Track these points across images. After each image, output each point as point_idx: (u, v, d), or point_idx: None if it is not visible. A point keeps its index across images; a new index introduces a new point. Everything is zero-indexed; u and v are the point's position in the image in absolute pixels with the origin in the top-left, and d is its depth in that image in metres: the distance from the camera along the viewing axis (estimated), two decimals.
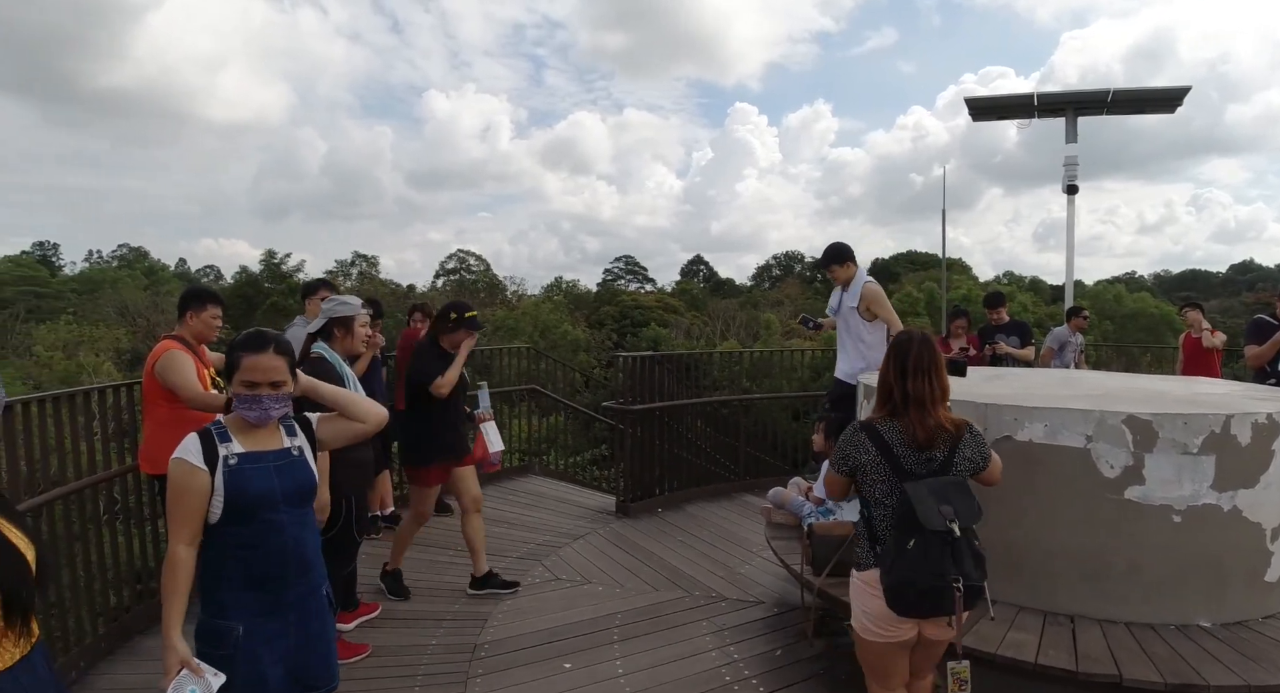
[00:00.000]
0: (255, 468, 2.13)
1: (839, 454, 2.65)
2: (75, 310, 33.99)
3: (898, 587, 2.40)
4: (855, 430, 2.61)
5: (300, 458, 2.25)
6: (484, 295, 45.01)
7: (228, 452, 2.11)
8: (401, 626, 4.28)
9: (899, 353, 2.59)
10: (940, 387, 2.54)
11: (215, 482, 2.07)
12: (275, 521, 2.14)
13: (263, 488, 2.12)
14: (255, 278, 34.19)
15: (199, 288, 4.39)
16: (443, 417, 4.48)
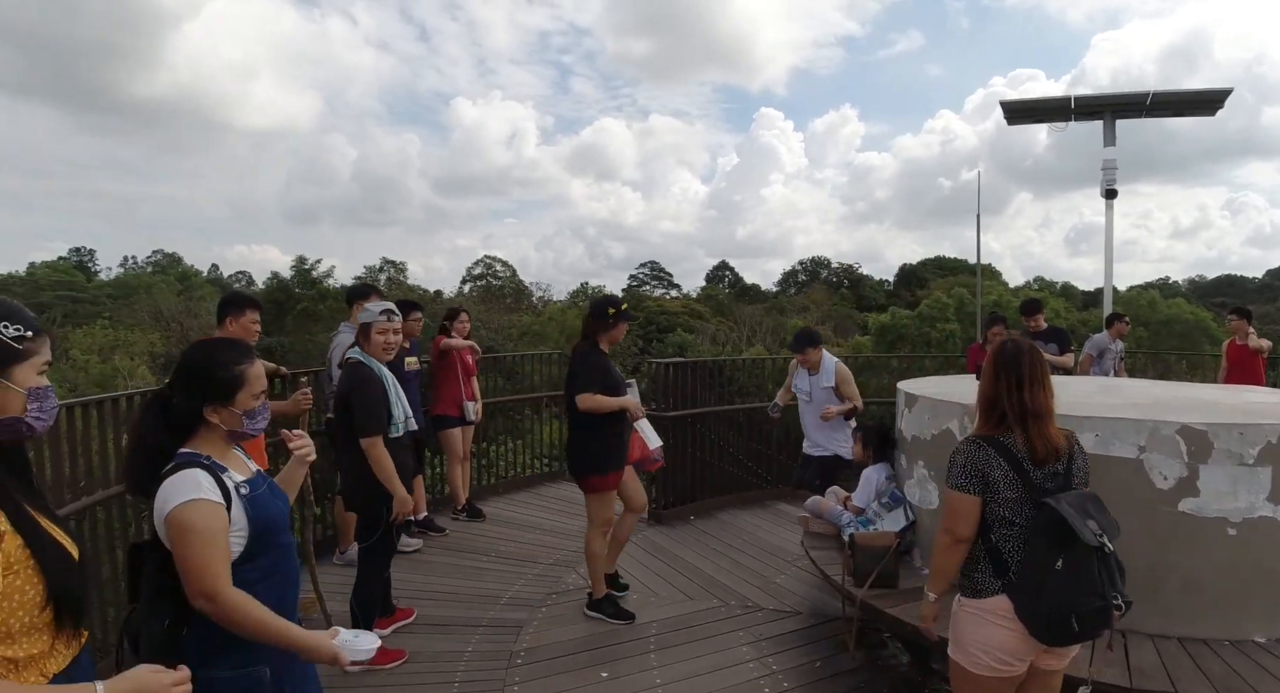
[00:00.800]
0: (260, 493, 2.00)
1: (964, 472, 2.34)
2: (111, 315, 34.68)
3: (1056, 613, 2.20)
4: (979, 445, 2.36)
5: (271, 480, 2.14)
6: (510, 301, 45.22)
7: (232, 482, 1.92)
8: (437, 632, 4.28)
9: (1013, 363, 2.39)
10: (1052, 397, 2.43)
11: (233, 516, 1.88)
12: (286, 544, 2.05)
13: (276, 511, 2.03)
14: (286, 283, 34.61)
15: (238, 293, 4.43)
16: (616, 421, 4.37)
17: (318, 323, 27.03)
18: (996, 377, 2.42)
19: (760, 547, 5.71)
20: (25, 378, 1.35)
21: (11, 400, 1.33)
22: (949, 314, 30.26)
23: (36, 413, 1.38)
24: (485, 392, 7.32)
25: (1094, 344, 7.81)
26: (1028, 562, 2.28)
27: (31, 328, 1.36)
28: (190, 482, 1.82)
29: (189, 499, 1.79)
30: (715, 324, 38.64)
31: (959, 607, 2.45)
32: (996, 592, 2.33)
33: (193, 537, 1.78)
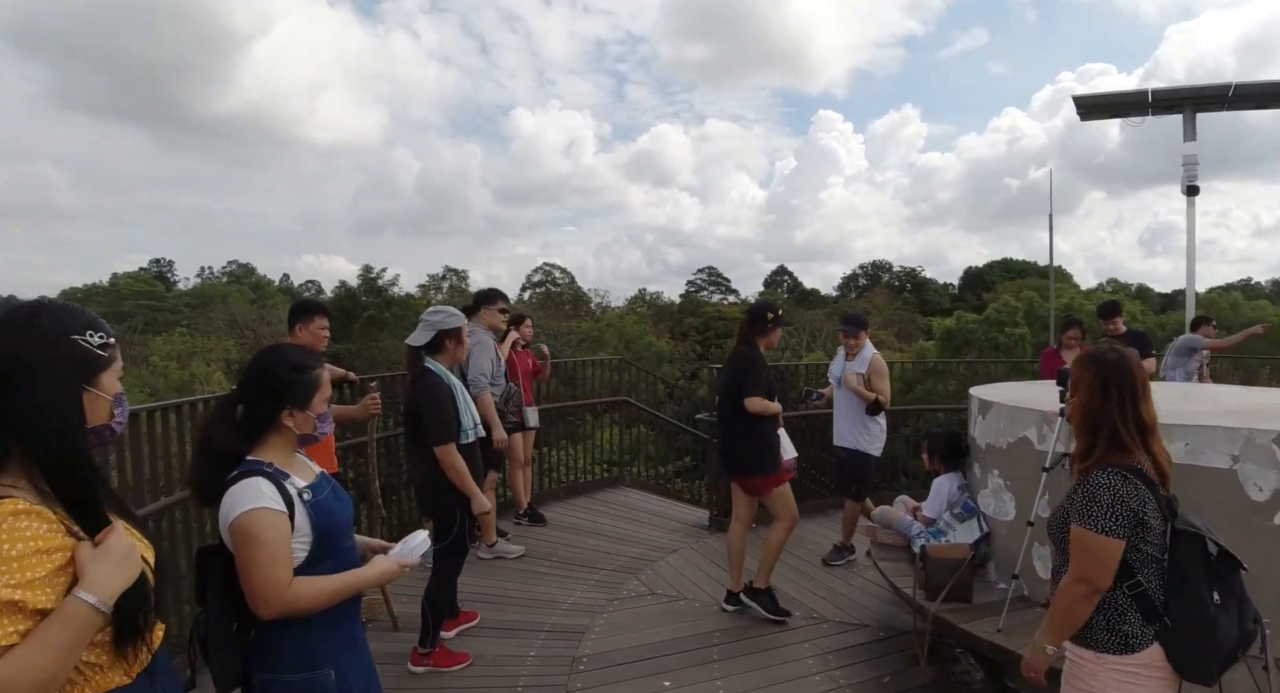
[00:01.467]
0: (325, 498, 2.01)
1: (1114, 514, 1.98)
2: (188, 323, 36.16)
3: (1228, 651, 2.02)
4: (1124, 477, 2.01)
5: (336, 484, 2.14)
6: (569, 307, 45.65)
7: (295, 488, 1.94)
8: (502, 636, 4.30)
9: (1123, 373, 2.11)
10: None
11: (297, 523, 1.90)
12: (349, 548, 2.07)
13: (340, 516, 2.04)
14: (353, 292, 35.60)
15: (307, 301, 4.54)
16: (776, 424, 4.57)
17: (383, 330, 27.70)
18: (1105, 390, 2.10)
19: (825, 556, 5.59)
20: (111, 384, 1.38)
21: (101, 408, 1.36)
22: (1018, 318, 29.37)
23: (120, 418, 1.42)
24: (545, 397, 7.37)
25: (1183, 346, 7.41)
26: (1187, 602, 2.00)
27: (110, 335, 1.39)
28: (253, 490, 1.83)
29: (251, 508, 1.81)
30: None
31: (1100, 666, 2.07)
32: (1149, 643, 2.03)
33: (255, 545, 1.80)
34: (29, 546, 1.19)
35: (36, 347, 1.27)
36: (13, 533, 1.18)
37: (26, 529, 1.20)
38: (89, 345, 1.33)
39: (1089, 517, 2.01)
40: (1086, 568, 2.03)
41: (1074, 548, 2.05)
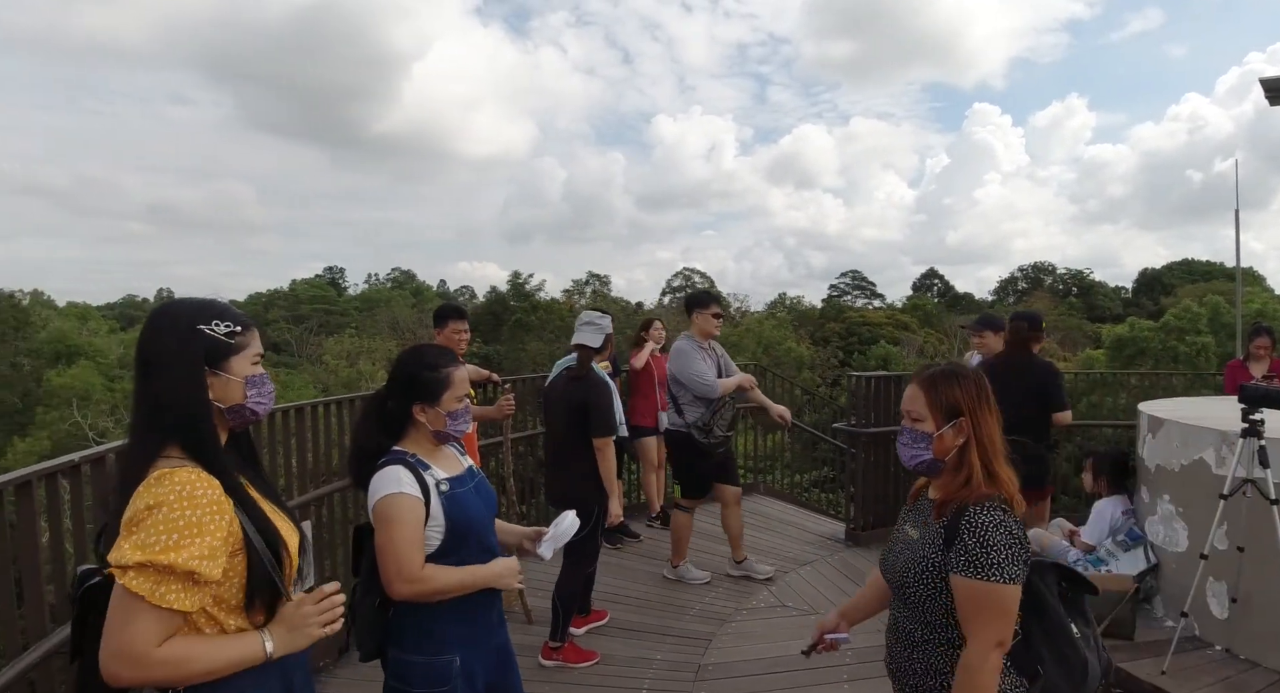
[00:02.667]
0: (464, 492, 2.11)
1: (1020, 556, 1.69)
2: (357, 325, 39.02)
3: (1100, 683, 1.88)
4: (1006, 511, 1.74)
5: (482, 477, 2.27)
6: None
7: (434, 479, 2.05)
8: (630, 637, 4.35)
9: (983, 385, 1.86)
10: None
11: (431, 511, 2.01)
12: (486, 542, 2.15)
13: (477, 510, 2.13)
14: (503, 296, 37.27)
15: (446, 306, 4.80)
16: None
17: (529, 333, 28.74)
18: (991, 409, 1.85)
19: None
20: (241, 368, 1.51)
21: (233, 390, 1.49)
22: (1201, 325, 26.59)
23: (256, 399, 1.53)
24: None
25: None
26: (1056, 641, 1.78)
27: (241, 323, 1.52)
28: (392, 477, 1.98)
29: (390, 493, 1.96)
30: (923, 336, 36.63)
31: None
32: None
33: (390, 527, 1.94)
34: (205, 512, 1.34)
35: (166, 337, 1.44)
36: (192, 500, 1.33)
37: (202, 496, 1.34)
38: (214, 334, 1.46)
39: (999, 567, 1.65)
40: (999, 628, 1.67)
41: (971, 607, 1.68)
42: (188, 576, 1.31)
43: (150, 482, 1.34)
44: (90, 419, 18.34)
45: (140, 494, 1.33)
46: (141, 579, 1.28)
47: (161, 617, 1.30)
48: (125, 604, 1.29)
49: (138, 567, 1.28)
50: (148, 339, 1.44)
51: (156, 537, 1.29)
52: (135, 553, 1.28)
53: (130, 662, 1.29)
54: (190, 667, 1.34)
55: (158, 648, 1.30)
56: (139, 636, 1.29)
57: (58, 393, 20.64)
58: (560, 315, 30.52)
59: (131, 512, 1.32)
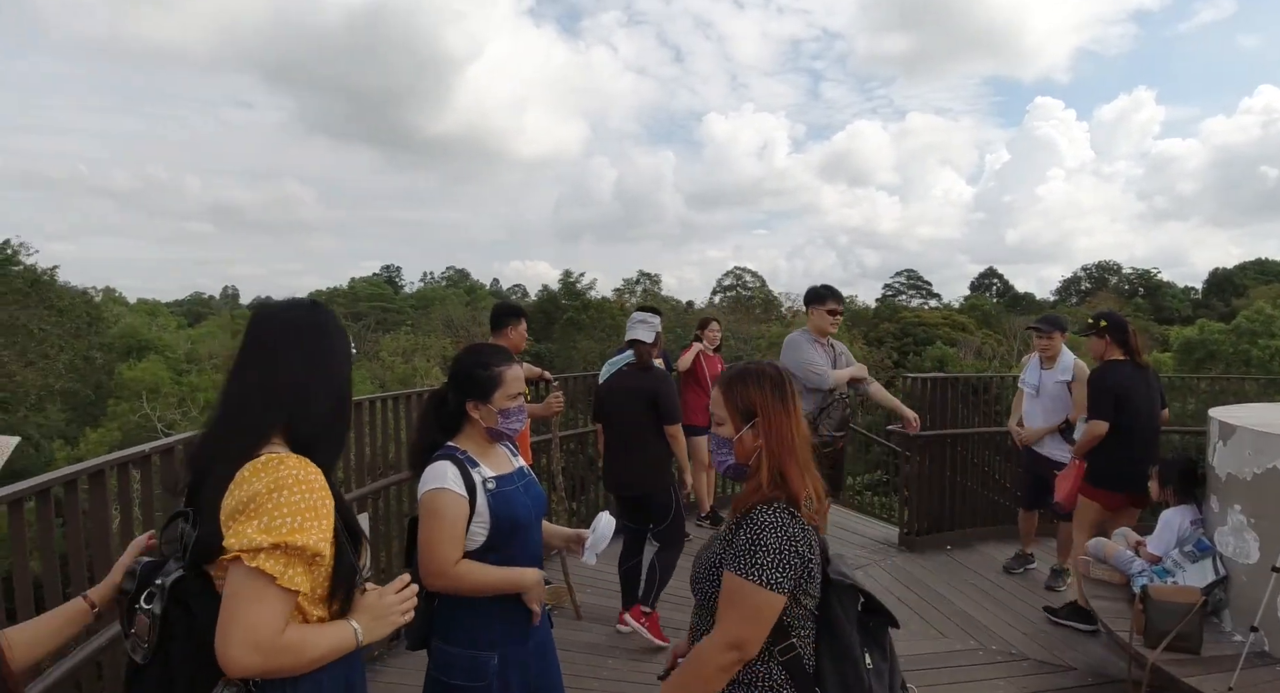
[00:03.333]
0: (511, 490, 2.14)
1: (784, 562, 1.63)
2: (412, 323, 39.78)
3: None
4: (793, 515, 1.69)
5: (532, 477, 2.29)
6: (759, 311, 45.34)
7: (481, 476, 2.08)
8: (678, 636, 4.34)
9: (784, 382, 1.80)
10: None
11: (477, 508, 2.04)
12: (531, 541, 2.18)
13: (523, 509, 2.14)
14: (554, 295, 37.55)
15: (505, 305, 4.85)
16: None
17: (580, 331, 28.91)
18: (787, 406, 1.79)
19: (1028, 588, 5.14)
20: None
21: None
22: (1275, 328, 25.39)
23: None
24: None
25: None
26: (841, 667, 1.68)
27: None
28: (439, 473, 2.03)
29: (433, 488, 2.01)
30: (980, 337, 35.78)
31: None
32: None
33: (430, 521, 2.00)
34: (319, 496, 1.35)
35: (302, 326, 1.49)
36: (308, 484, 1.34)
37: (315, 480, 1.36)
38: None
39: (755, 568, 1.61)
40: (741, 629, 1.63)
41: (725, 600, 1.65)
42: (312, 558, 1.31)
43: (259, 467, 1.33)
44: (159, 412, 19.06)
45: (249, 478, 1.32)
46: (273, 561, 1.27)
47: (287, 600, 1.30)
48: (254, 588, 1.27)
49: (269, 548, 1.27)
50: (266, 331, 1.48)
51: (282, 519, 1.28)
52: (263, 535, 1.27)
53: (260, 649, 1.26)
54: (306, 654, 1.33)
55: (282, 635, 1.29)
56: (268, 620, 1.28)
57: (128, 386, 21.48)
58: (611, 314, 30.65)
59: (245, 495, 1.30)
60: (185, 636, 1.32)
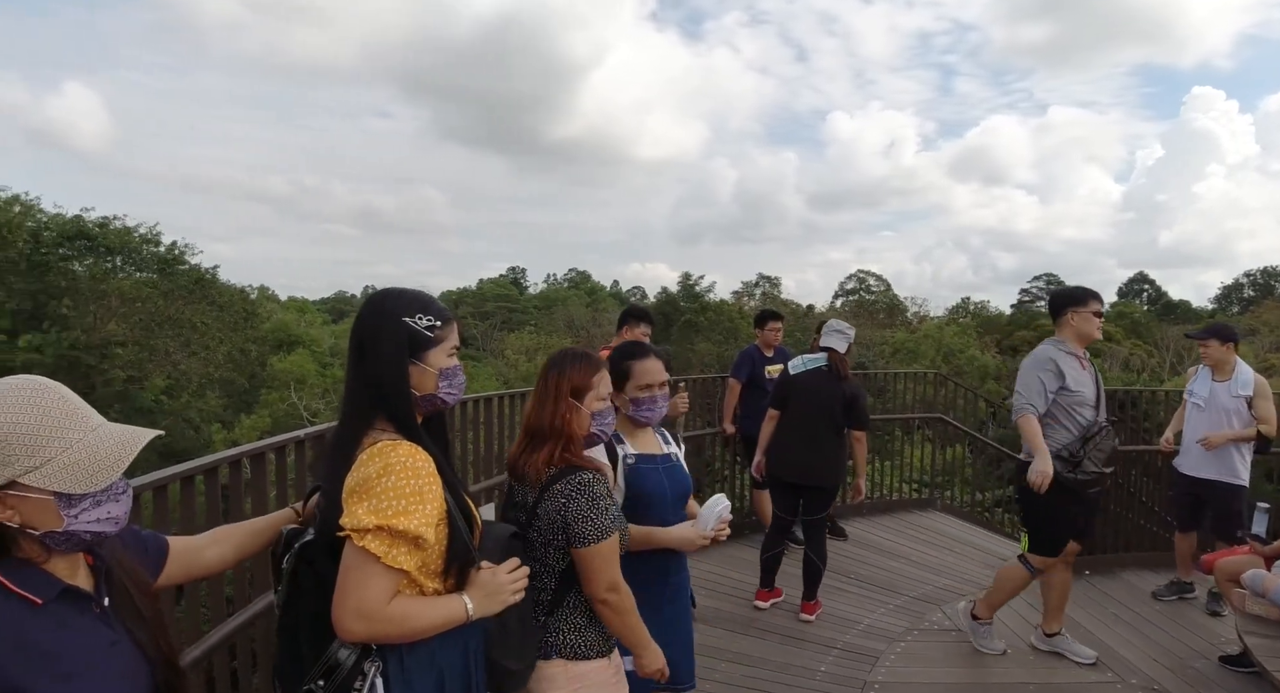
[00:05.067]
0: (649, 468, 2.34)
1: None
2: (536, 323, 41.03)
3: None
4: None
5: (679, 464, 2.46)
6: (883, 316, 43.96)
7: (625, 452, 2.31)
8: (791, 644, 4.30)
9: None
10: None
11: (616, 478, 2.25)
12: (666, 519, 2.32)
13: (657, 487, 2.33)
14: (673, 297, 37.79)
15: (633, 308, 4.96)
16: None
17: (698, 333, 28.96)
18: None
19: (1175, 621, 4.75)
20: (437, 360, 1.62)
21: (427, 380, 1.61)
22: None
23: (447, 389, 1.65)
24: None
25: None
26: None
27: (441, 318, 1.62)
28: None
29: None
30: (1129, 348, 33.28)
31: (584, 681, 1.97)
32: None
33: None
34: (425, 481, 1.46)
35: (377, 324, 1.57)
36: (414, 471, 1.46)
37: (422, 467, 1.47)
38: (417, 327, 1.58)
39: (603, 522, 1.91)
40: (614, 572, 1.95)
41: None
42: (415, 539, 1.43)
43: (375, 452, 1.46)
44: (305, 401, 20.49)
45: (365, 462, 1.46)
46: (378, 542, 1.40)
47: (391, 576, 1.43)
48: (361, 564, 1.41)
49: (375, 530, 1.40)
50: (364, 324, 1.58)
51: (388, 502, 1.41)
52: (370, 517, 1.40)
53: (366, 617, 1.41)
54: (411, 624, 1.46)
55: (387, 606, 1.43)
56: (374, 593, 1.41)
57: (278, 376, 23.23)
58: (729, 317, 30.51)
59: (359, 478, 1.45)
60: (312, 592, 1.49)
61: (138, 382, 19.73)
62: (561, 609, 1.95)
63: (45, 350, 18.24)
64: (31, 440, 1.10)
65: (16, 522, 1.11)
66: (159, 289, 21.65)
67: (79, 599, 1.19)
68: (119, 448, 1.16)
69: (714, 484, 7.15)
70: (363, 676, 1.46)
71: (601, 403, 2.12)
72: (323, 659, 1.46)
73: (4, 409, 1.10)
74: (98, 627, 1.20)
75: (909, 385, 8.04)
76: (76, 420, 1.15)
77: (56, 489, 1.11)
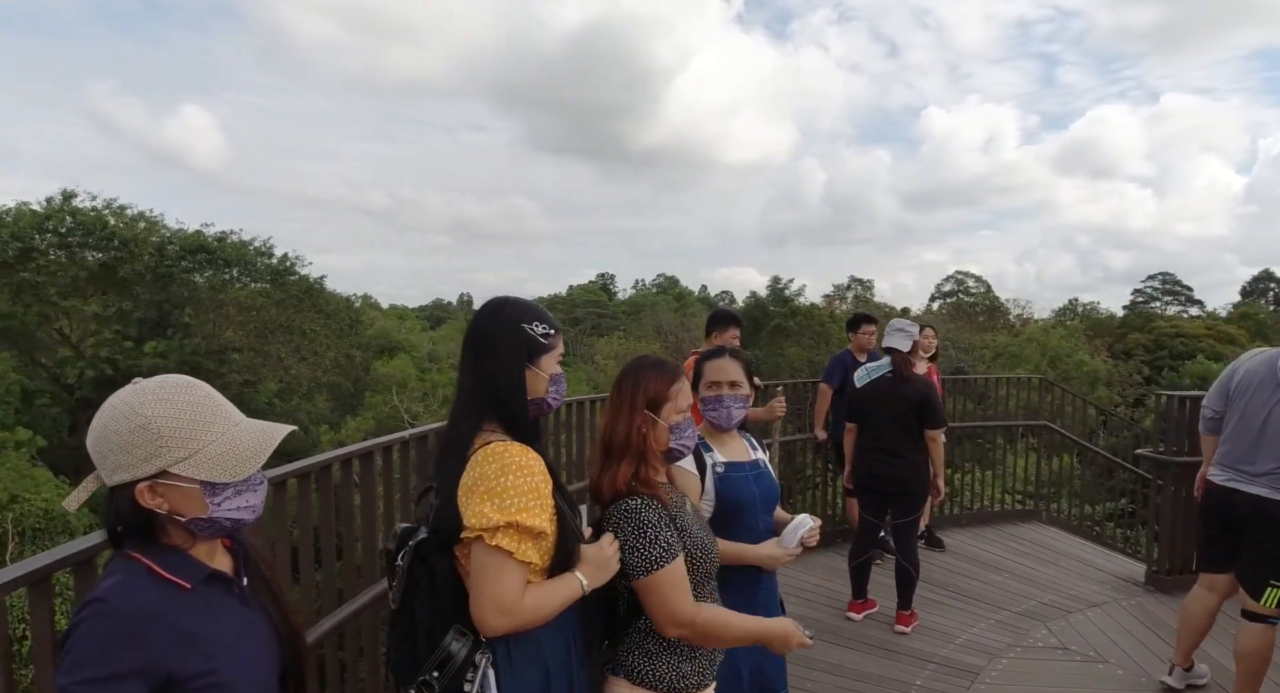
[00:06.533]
0: (739, 476, 2.35)
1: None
2: (624, 328, 41.36)
3: None
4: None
5: (767, 470, 2.46)
6: (983, 319, 42.26)
7: (713, 459, 2.32)
8: (887, 657, 4.20)
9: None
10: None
11: (705, 486, 2.28)
12: (755, 526, 2.34)
13: (747, 494, 2.34)
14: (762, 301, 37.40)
15: (722, 312, 4.95)
16: None
17: (788, 338, 28.61)
18: None
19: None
20: (549, 366, 1.70)
21: (539, 384, 1.69)
22: None
23: (554, 394, 1.73)
24: (950, 415, 6.97)
25: None
26: None
27: (553, 326, 1.71)
28: None
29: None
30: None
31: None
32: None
33: None
34: (539, 479, 1.55)
35: (497, 329, 1.65)
36: (529, 469, 1.54)
37: (535, 466, 1.56)
38: (533, 333, 1.66)
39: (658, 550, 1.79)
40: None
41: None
42: (539, 534, 1.52)
43: (489, 453, 1.54)
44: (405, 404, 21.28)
45: (481, 463, 1.54)
46: (508, 538, 1.49)
47: (523, 570, 1.51)
48: (496, 561, 1.49)
49: (504, 527, 1.48)
50: (483, 330, 1.66)
51: (513, 500, 1.49)
52: (498, 515, 1.48)
53: (507, 612, 1.48)
54: (544, 610, 1.54)
55: (523, 598, 1.51)
56: (511, 588, 1.49)
57: (381, 380, 24.20)
58: (820, 321, 29.98)
59: (476, 478, 1.52)
60: (427, 588, 1.57)
61: (252, 385, 20.94)
62: (632, 633, 1.84)
63: (169, 356, 19.58)
64: (182, 433, 1.20)
65: (165, 509, 1.21)
66: (272, 298, 22.92)
67: (221, 582, 1.29)
68: (258, 442, 1.25)
69: (805, 491, 7.05)
70: (474, 667, 1.53)
71: (680, 415, 1.91)
72: (437, 652, 1.53)
73: (158, 404, 1.20)
74: (238, 608, 1.30)
75: (1011, 391, 7.72)
76: (221, 416, 1.25)
77: (203, 478, 1.20)
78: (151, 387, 1.23)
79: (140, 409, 1.19)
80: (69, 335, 19.89)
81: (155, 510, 1.21)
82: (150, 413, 1.19)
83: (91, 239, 18.74)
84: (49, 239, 18.29)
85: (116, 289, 19.62)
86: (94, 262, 18.79)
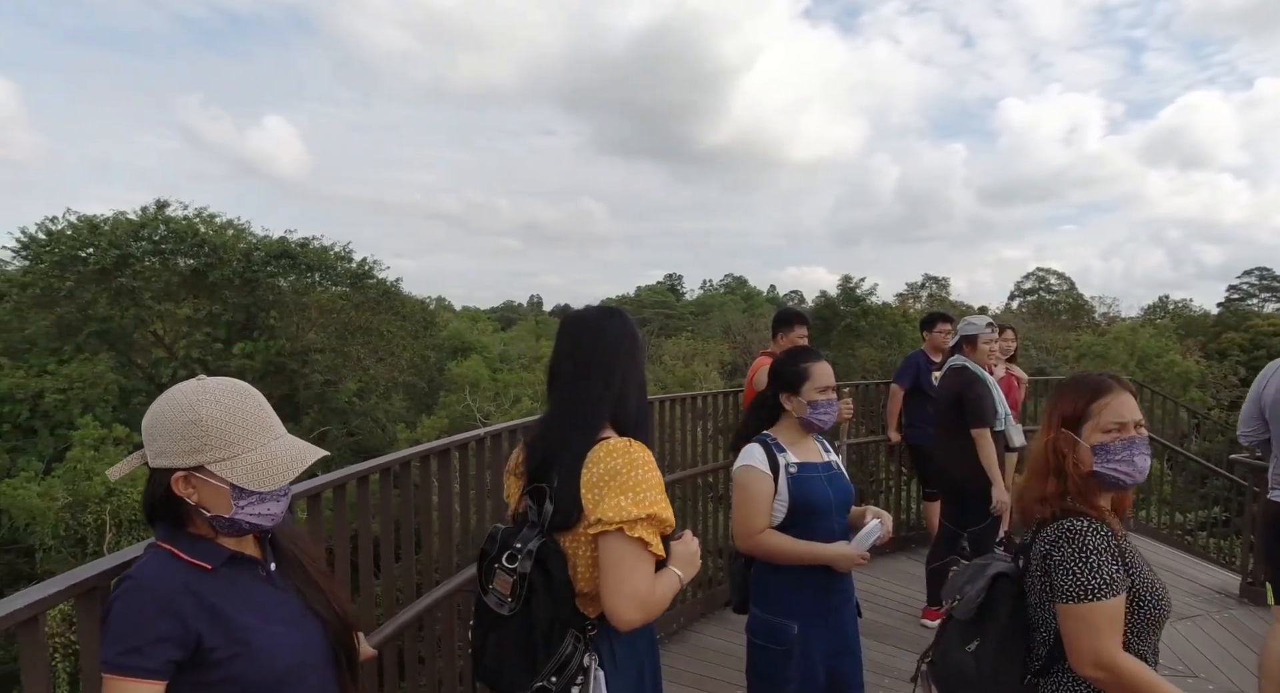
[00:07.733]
0: (812, 477, 2.37)
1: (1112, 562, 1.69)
2: (692, 329, 41.28)
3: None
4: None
5: (840, 471, 2.49)
6: (1066, 318, 40.66)
7: (786, 461, 2.35)
8: None
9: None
10: None
11: (779, 487, 2.31)
12: (830, 528, 2.35)
13: (821, 496, 2.36)
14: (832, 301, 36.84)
15: (789, 311, 4.91)
16: None
17: (859, 338, 28.12)
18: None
19: None
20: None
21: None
22: None
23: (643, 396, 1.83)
24: (1029, 418, 6.76)
25: None
26: None
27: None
28: (748, 453, 2.38)
29: (742, 465, 2.37)
30: None
31: None
32: None
33: (739, 492, 2.36)
34: (659, 476, 1.61)
35: (622, 334, 1.73)
36: (652, 464, 1.60)
37: (653, 462, 1.61)
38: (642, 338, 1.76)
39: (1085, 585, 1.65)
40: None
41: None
42: (668, 525, 1.58)
43: (611, 449, 1.58)
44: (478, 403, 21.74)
45: (604, 459, 1.57)
46: (646, 530, 1.53)
47: (653, 562, 1.56)
48: (633, 553, 1.51)
49: (643, 520, 1.52)
50: (612, 337, 1.71)
51: (645, 494, 1.54)
52: (634, 508, 1.52)
53: (642, 604, 1.51)
54: (664, 605, 1.58)
55: (654, 592, 1.55)
56: (645, 580, 1.52)
57: (454, 380, 24.78)
58: (893, 321, 29.33)
59: (604, 470, 1.55)
60: (544, 591, 1.56)
61: (333, 385, 21.72)
62: (1053, 674, 1.72)
63: (255, 357, 20.45)
64: (228, 436, 1.28)
65: (194, 500, 1.29)
66: (351, 301, 23.71)
67: (246, 564, 1.36)
68: (292, 459, 1.33)
69: (878, 494, 6.95)
70: (584, 670, 1.56)
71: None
72: (556, 656, 1.54)
73: (213, 404, 1.28)
74: (266, 588, 1.37)
75: None
76: (266, 428, 1.33)
77: (235, 482, 1.28)
78: (212, 386, 1.31)
79: (197, 406, 1.27)
80: (163, 337, 20.98)
81: (184, 500, 1.29)
82: (205, 411, 1.27)
83: (183, 246, 19.72)
84: (144, 246, 19.31)
85: (207, 293, 20.62)
86: (185, 267, 19.77)
